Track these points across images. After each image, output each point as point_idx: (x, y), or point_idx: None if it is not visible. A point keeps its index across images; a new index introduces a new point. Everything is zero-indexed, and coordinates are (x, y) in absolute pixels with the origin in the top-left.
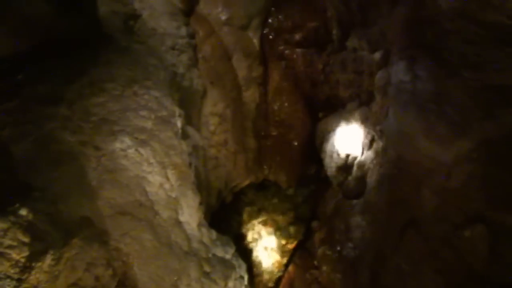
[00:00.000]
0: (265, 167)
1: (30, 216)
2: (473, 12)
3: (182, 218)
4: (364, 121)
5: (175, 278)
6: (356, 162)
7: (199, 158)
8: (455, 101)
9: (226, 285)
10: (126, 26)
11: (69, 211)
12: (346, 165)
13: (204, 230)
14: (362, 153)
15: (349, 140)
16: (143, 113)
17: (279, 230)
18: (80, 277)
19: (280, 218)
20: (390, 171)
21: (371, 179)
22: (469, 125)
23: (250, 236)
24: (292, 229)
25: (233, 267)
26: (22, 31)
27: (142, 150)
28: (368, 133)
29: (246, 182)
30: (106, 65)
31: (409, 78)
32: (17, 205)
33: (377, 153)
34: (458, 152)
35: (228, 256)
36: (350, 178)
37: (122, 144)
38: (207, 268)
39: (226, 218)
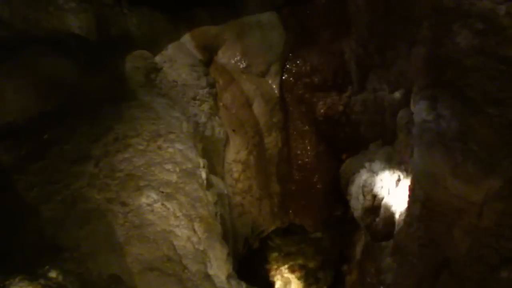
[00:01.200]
0: (290, 211)
1: (60, 278)
2: (492, 48)
3: (211, 271)
4: (389, 160)
5: None
6: (383, 203)
7: (224, 207)
8: (481, 138)
9: None
10: (147, 80)
11: (98, 270)
12: (373, 207)
13: (233, 282)
14: (389, 193)
15: (374, 181)
16: (168, 166)
17: (308, 275)
18: None
19: (308, 263)
20: (419, 211)
21: (400, 219)
22: (497, 162)
23: (279, 283)
24: (321, 274)
25: None
26: (48, 91)
27: (168, 204)
28: (393, 172)
29: (272, 228)
30: (130, 120)
31: (432, 117)
32: (47, 267)
33: (404, 193)
34: (488, 190)
35: None
36: (377, 219)
37: (148, 199)
38: None
39: (253, 265)
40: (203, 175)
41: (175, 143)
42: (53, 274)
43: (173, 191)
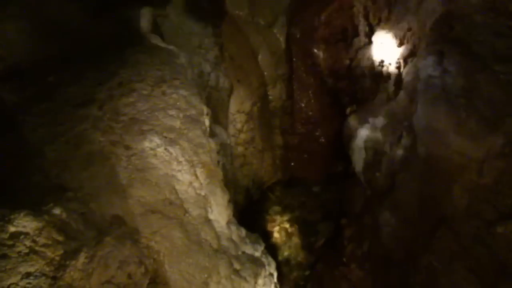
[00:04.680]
0: (292, 164)
1: (64, 215)
2: (503, 5)
3: (211, 216)
4: (392, 116)
5: (205, 276)
6: (384, 158)
7: (226, 156)
8: (486, 95)
9: (256, 282)
10: (154, 26)
11: (101, 210)
12: (375, 162)
13: (233, 227)
14: (391, 149)
15: (377, 136)
16: (172, 112)
17: (307, 227)
18: (113, 275)
19: (308, 216)
20: (420, 167)
21: (400, 175)
22: (501, 120)
23: (278, 234)
24: (320, 227)
25: (262, 265)
26: (53, 34)
27: (171, 149)
28: (396, 129)
29: (273, 180)
30: (135, 65)
31: (438, 73)
32: (51, 204)
33: (406, 150)
34: (490, 148)
35: (257, 254)
36: (378, 174)
37: (152, 143)
38: (237, 266)
39: (254, 216)
40: (207, 122)
41: (179, 89)
42: (57, 211)
43: (176, 136)
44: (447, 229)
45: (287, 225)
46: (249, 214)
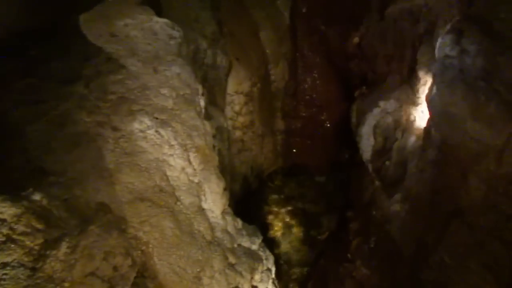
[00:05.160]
0: (294, 151)
1: (45, 202)
2: None
3: (205, 205)
4: (405, 100)
5: (198, 270)
6: (395, 145)
7: (223, 141)
8: (508, 78)
9: (252, 278)
10: None
11: (85, 197)
12: (384, 149)
13: (228, 218)
14: (402, 135)
15: (388, 121)
16: (164, 91)
17: (309, 220)
18: (98, 266)
19: (310, 207)
20: (434, 155)
21: (412, 164)
22: None
23: (278, 226)
24: (323, 219)
25: (260, 259)
26: (37, 5)
27: (162, 131)
28: (409, 113)
29: (274, 168)
30: (125, 40)
31: (455, 53)
32: (31, 189)
33: (419, 136)
34: (510, 135)
35: (254, 247)
36: (388, 163)
37: (141, 124)
38: (232, 259)
39: (252, 206)
40: (202, 103)
41: (172, 66)
42: (37, 197)
43: (168, 117)
44: (461, 223)
45: (287, 217)
46: (247, 204)
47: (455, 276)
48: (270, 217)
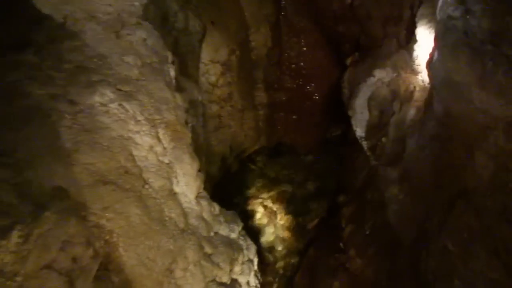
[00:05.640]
0: (279, 127)
1: None
2: None
3: (177, 189)
4: (404, 67)
5: (169, 261)
6: (393, 120)
7: (197, 116)
8: None
9: (231, 270)
10: None
11: (39, 180)
12: (380, 124)
13: (204, 203)
14: (401, 108)
15: (384, 92)
16: (128, 59)
17: (296, 205)
18: (54, 258)
19: (297, 191)
20: (436, 130)
21: (412, 140)
22: None
23: (261, 212)
24: (312, 204)
25: (240, 249)
26: None
27: (127, 105)
28: (408, 82)
29: (256, 147)
30: (82, 0)
31: (459, 13)
32: None
33: (419, 108)
34: None
35: (234, 235)
36: (385, 140)
37: (103, 97)
38: (208, 249)
39: (231, 191)
40: (172, 72)
41: (137, 30)
42: None
43: (134, 89)
44: (466, 205)
45: (271, 203)
46: (225, 188)
47: (459, 264)
48: (252, 202)
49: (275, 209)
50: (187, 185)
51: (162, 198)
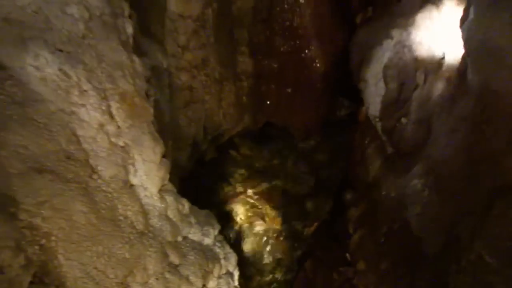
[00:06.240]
0: (268, 104)
1: None
2: None
3: (134, 180)
4: (429, 27)
5: (124, 273)
6: (415, 95)
7: (162, 88)
8: None
9: (204, 285)
10: None
11: None
12: (400, 100)
13: (169, 198)
14: (426, 80)
15: (405, 58)
16: (72, 10)
17: (290, 205)
18: None
19: (291, 187)
20: (471, 108)
21: (440, 122)
22: None
23: (244, 213)
24: (310, 204)
25: (216, 258)
26: None
27: (69, 71)
28: (435, 47)
29: (238, 129)
30: None
31: None
32: None
33: (449, 80)
34: None
35: (208, 241)
36: (405, 120)
37: (37, 60)
38: (174, 258)
39: (206, 185)
40: (129, 29)
41: None
42: None
43: (79, 50)
44: (509, 205)
45: (258, 201)
46: (198, 180)
47: (498, 282)
48: (233, 200)
49: (262, 209)
50: (148, 175)
51: (115, 192)
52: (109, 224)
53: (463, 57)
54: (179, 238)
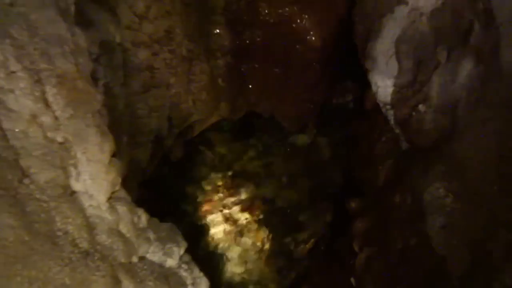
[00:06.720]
0: (251, 88)
1: None
2: None
3: (77, 185)
4: None
5: None
6: (436, 75)
7: (114, 69)
8: None
9: None
10: None
11: None
12: (417, 82)
13: (122, 209)
14: (449, 56)
15: (422, 30)
16: None
17: (279, 216)
18: None
19: (282, 193)
20: (505, 93)
21: (466, 111)
22: None
23: (220, 227)
24: (306, 216)
25: (181, 284)
26: None
27: None
28: (460, 17)
29: (213, 119)
30: None
31: None
32: None
33: (479, 57)
34: None
35: (171, 262)
36: (423, 108)
37: None
38: (128, 285)
39: (171, 191)
40: None
41: None
42: None
43: (6, 21)
44: None
45: (238, 212)
46: (161, 186)
47: None
48: (206, 210)
49: (244, 222)
50: (94, 179)
51: (51, 200)
52: (44, 242)
53: (494, 29)
54: (134, 259)
